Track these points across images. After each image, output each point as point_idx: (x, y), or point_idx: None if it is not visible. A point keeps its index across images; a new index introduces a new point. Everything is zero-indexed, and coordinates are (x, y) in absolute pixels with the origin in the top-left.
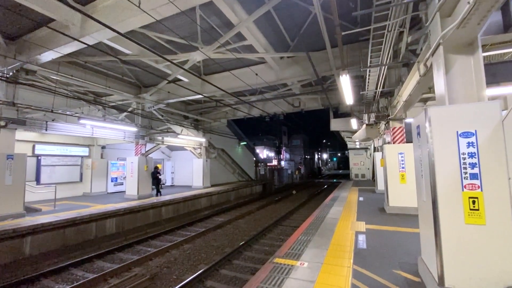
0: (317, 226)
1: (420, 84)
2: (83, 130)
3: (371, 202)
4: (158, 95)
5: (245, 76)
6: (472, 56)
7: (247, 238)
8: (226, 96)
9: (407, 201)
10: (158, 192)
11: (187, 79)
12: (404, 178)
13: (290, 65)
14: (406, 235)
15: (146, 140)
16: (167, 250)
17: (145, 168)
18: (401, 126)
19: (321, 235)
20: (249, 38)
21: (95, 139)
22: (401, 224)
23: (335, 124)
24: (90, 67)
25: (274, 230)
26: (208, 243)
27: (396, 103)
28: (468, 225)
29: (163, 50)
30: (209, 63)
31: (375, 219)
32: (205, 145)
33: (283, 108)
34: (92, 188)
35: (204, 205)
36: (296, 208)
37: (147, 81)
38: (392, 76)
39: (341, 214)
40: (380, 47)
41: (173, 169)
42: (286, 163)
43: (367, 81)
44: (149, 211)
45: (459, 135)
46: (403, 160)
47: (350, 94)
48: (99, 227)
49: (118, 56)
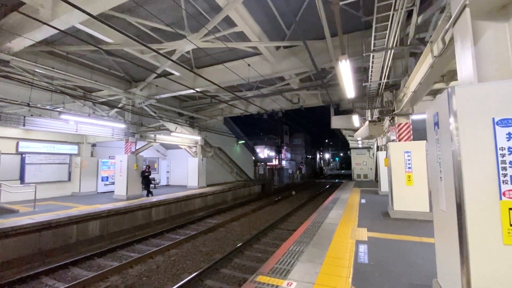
0: (313, 233)
1: (434, 69)
2: (67, 127)
3: (373, 205)
4: (148, 90)
5: (239, 69)
6: (508, 22)
7: (239, 243)
8: (221, 92)
9: (413, 205)
10: (149, 192)
11: (178, 73)
12: (410, 180)
13: (286, 57)
14: (414, 246)
15: (136, 137)
16: (151, 255)
17: (135, 167)
18: (408, 122)
19: (316, 244)
20: (240, 23)
21: (85, 137)
22: (408, 231)
23: (336, 121)
24: (73, 59)
25: (269, 233)
26: (197, 248)
27: (403, 96)
28: (509, 247)
29: (148, 39)
30: (200, 55)
31: (378, 225)
32: (201, 144)
33: (282, 104)
34: (81, 187)
35: (199, 206)
36: (294, 209)
37: (136, 75)
38: (398, 67)
39: (340, 218)
40: (385, 31)
41: (168, 168)
42: (287, 162)
43: (370, 71)
44: (138, 213)
45: (496, 123)
46: (410, 160)
47: (351, 85)
48: (80, 230)
49: (99, 45)
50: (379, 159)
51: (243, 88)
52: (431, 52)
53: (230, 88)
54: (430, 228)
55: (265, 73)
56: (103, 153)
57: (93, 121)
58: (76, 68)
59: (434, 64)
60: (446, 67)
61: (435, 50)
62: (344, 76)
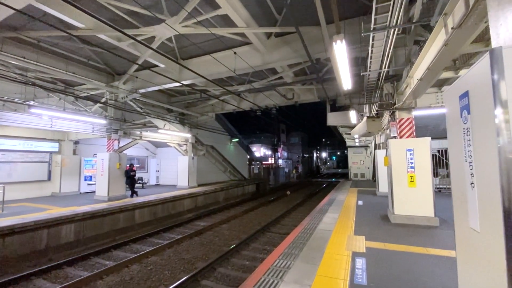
0: (304, 242)
1: (448, 48)
2: (40, 122)
3: (371, 207)
4: (132, 83)
5: (228, 60)
6: None
7: (226, 248)
8: (211, 86)
9: (416, 209)
10: (134, 193)
11: (163, 64)
12: (413, 181)
13: (278, 46)
14: (420, 259)
15: (119, 134)
16: (127, 264)
17: (118, 166)
18: (410, 117)
19: (306, 258)
20: (223, 5)
21: (66, 133)
22: (412, 240)
23: (332, 118)
24: (46, 48)
25: (260, 238)
26: (179, 255)
27: (405, 88)
28: None
29: (123, 25)
30: (185, 44)
31: (378, 232)
32: (192, 142)
33: (276, 100)
34: (62, 187)
35: (188, 207)
36: (288, 211)
37: (119, 67)
38: (400, 57)
39: (335, 223)
40: (389, 1)
41: (158, 167)
42: (283, 161)
43: (369, 58)
44: (119, 215)
45: None
46: (412, 158)
47: (347, 74)
48: (52, 235)
49: (69, 30)
50: (377, 158)
51: (234, 82)
52: (445, 26)
53: (219, 82)
54: (436, 235)
55: (256, 64)
56: (86, 151)
57: (68, 116)
58: (48, 58)
59: (449, 40)
60: (463, 45)
61: (449, 23)
62: (340, 62)
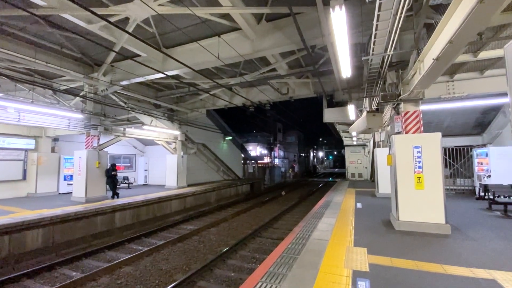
0: (294, 256)
1: (484, 6)
2: (5, 116)
3: (372, 211)
4: (113, 75)
5: (215, 48)
6: None
7: (211, 256)
8: (199, 79)
9: (424, 215)
10: (115, 194)
11: (144, 53)
12: (421, 182)
13: (270, 32)
14: (436, 280)
15: (100, 130)
16: (94, 277)
17: (97, 165)
18: (417, 110)
19: (295, 280)
20: None
21: (44, 129)
22: (423, 253)
23: (329, 114)
24: (11, 33)
25: (250, 243)
26: (157, 264)
27: (413, 76)
28: None
29: (92, 3)
30: (167, 30)
31: (381, 242)
32: (181, 139)
33: (270, 96)
34: (39, 188)
35: (176, 209)
36: (283, 212)
37: (97, 56)
38: (406, 42)
39: (332, 231)
40: None
41: (146, 166)
42: (279, 160)
43: (373, 37)
44: (96, 218)
45: None
46: (420, 157)
47: (347, 54)
48: (15, 242)
49: (29, 9)
50: (376, 156)
51: (224, 75)
52: None
53: (208, 74)
54: (450, 247)
55: (245, 52)
56: (67, 148)
57: (38, 109)
58: (15, 44)
59: None
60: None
61: None
62: (338, 36)
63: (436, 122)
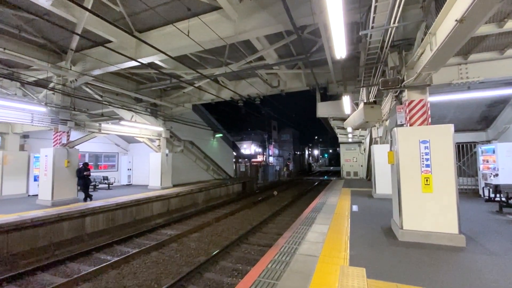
0: (273, 283)
1: None
2: None
3: (369, 215)
4: (83, 64)
5: (195, 32)
6: None
7: (187, 269)
8: (181, 69)
9: (433, 223)
10: (87, 196)
11: (113, 38)
12: (429, 184)
13: (254, 11)
14: None
15: (70, 126)
16: None
17: (66, 164)
18: (423, 98)
19: None
20: None
21: (10, 125)
22: (437, 275)
23: (323, 108)
24: None
25: (233, 252)
26: (121, 280)
27: (420, 55)
28: None
29: None
30: (138, 9)
31: (383, 259)
32: (166, 136)
33: (259, 88)
34: (5, 189)
35: (158, 212)
36: (274, 214)
37: (63, 42)
38: (410, 18)
39: (324, 243)
40: None
41: (130, 165)
42: (274, 159)
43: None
44: (61, 224)
45: None
46: (428, 153)
47: (341, 26)
48: None
49: None
50: (373, 154)
51: (208, 65)
52: None
53: (191, 64)
54: (468, 265)
55: (226, 34)
56: (38, 146)
57: None
58: None
59: None
60: None
61: None
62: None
63: (438, 116)
